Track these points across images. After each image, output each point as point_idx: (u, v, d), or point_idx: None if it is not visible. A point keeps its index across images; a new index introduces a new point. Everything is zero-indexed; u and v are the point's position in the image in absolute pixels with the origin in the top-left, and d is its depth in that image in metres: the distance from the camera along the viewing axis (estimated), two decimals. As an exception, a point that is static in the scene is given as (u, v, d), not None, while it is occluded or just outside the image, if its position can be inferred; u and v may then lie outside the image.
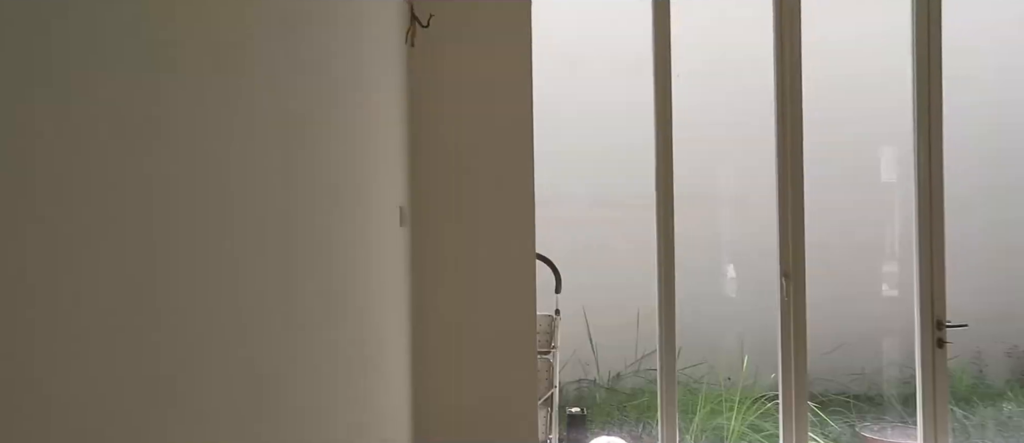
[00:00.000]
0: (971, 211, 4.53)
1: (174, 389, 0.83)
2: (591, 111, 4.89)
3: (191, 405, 0.87)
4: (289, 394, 1.23)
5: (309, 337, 1.35)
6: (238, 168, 1.00)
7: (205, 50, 0.90)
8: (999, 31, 4.51)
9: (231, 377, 0.99)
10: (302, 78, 1.29)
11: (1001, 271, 4.72)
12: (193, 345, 0.87)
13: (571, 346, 4.66)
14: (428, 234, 2.74)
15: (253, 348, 1.07)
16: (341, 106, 1.53)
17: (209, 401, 0.92)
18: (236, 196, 0.99)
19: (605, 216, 4.90)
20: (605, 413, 4.44)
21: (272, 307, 1.14)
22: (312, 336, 1.36)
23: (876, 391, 4.79)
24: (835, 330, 4.68)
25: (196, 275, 0.87)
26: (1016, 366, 4.81)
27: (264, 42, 1.11)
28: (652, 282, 3.02)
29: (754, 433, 4.07)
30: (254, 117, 1.06)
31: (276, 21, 1.16)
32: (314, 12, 1.35)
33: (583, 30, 4.93)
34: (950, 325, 3.00)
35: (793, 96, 2.98)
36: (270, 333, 1.14)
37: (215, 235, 0.92)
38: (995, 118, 4.62)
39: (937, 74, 2.99)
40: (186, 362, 0.85)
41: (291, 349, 1.24)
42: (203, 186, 0.89)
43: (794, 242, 2.99)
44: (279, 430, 1.17)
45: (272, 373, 1.15)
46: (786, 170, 3.00)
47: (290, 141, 1.21)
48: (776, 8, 2.99)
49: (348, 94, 1.60)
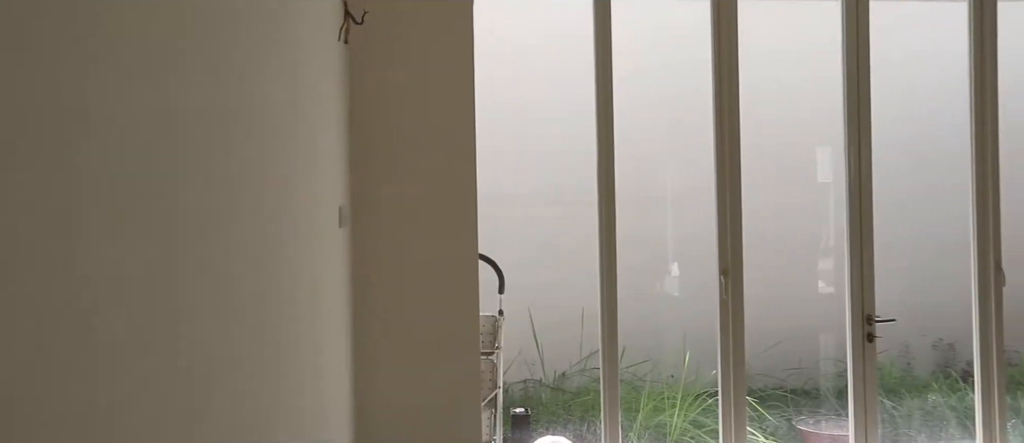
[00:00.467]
0: (899, 212, 4.71)
1: (95, 391, 0.79)
2: (535, 110, 4.90)
3: (117, 407, 0.83)
4: (221, 395, 1.20)
5: (242, 338, 1.31)
6: (163, 163, 0.96)
7: (127, 45, 0.86)
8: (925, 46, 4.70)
9: (160, 378, 0.96)
10: (228, 75, 1.25)
11: (927, 268, 4.92)
12: (118, 345, 0.84)
13: (517, 346, 4.66)
14: (369, 234, 2.71)
15: (184, 348, 1.04)
16: (270, 104, 1.49)
17: (137, 402, 0.90)
18: (156, 193, 0.95)
19: (550, 215, 4.92)
20: (551, 413, 4.45)
21: (200, 306, 1.10)
22: (245, 337, 1.33)
23: (813, 385, 4.93)
24: (774, 326, 4.80)
25: (120, 275, 0.84)
26: (941, 358, 5.02)
27: (188, 40, 1.07)
28: (597, 281, 3.04)
29: (696, 429, 4.14)
30: (177, 114, 1.02)
31: (201, 17, 1.12)
32: (241, 9, 1.31)
33: (527, 29, 4.94)
34: (879, 320, 3.11)
35: (730, 98, 3.05)
36: (201, 333, 1.10)
37: (137, 234, 0.88)
38: (920, 125, 4.82)
39: (866, 82, 3.10)
40: (110, 363, 0.81)
41: (224, 350, 1.21)
42: (127, 182, 0.86)
43: (732, 240, 3.06)
44: (211, 432, 1.13)
45: (204, 373, 1.11)
46: (724, 170, 3.06)
47: (213, 138, 1.17)
48: (714, 14, 3.05)
49: (279, 92, 1.55)
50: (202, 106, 1.12)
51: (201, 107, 1.12)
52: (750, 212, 3.17)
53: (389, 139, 2.73)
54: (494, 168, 4.42)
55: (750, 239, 3.13)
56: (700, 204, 3.09)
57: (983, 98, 3.15)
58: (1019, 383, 4.55)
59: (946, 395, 4.53)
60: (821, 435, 4.29)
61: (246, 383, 1.34)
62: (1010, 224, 3.20)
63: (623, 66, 3.08)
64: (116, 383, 0.85)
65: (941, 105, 4.23)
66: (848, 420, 3.19)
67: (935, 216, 4.83)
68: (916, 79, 4.80)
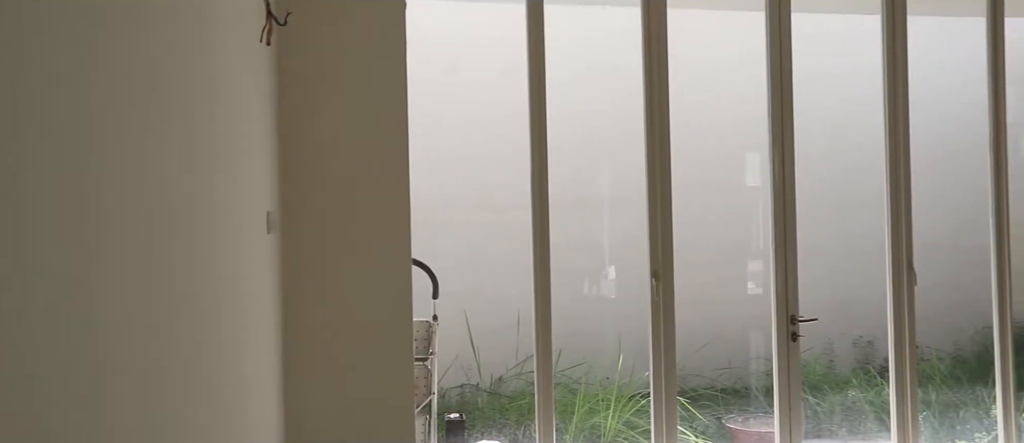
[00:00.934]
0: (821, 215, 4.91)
1: (11, 395, 0.76)
2: (470, 115, 4.91)
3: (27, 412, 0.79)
4: (134, 401, 1.15)
5: (158, 343, 1.27)
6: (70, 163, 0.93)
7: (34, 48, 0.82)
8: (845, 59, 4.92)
9: (69, 383, 0.93)
10: (136, 77, 1.21)
11: (848, 268, 5.14)
12: (25, 349, 0.81)
13: (453, 351, 4.64)
14: (300, 239, 2.66)
15: (95, 352, 1.00)
16: (184, 106, 1.45)
17: (46, 406, 0.86)
18: (65, 196, 0.92)
19: (487, 220, 4.92)
20: (487, 417, 4.45)
21: (113, 309, 1.07)
22: (161, 342, 1.28)
23: (742, 384, 5.08)
24: (706, 327, 4.93)
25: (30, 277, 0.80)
26: (860, 355, 5.25)
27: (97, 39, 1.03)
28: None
29: (629, 430, 4.21)
30: (91, 116, 0.99)
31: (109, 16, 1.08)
32: (155, 6, 1.27)
33: (460, 34, 4.94)
34: (802, 320, 3.22)
35: (661, 104, 3.11)
36: (118, 339, 1.06)
37: (48, 237, 0.84)
38: (841, 134, 5.04)
39: (789, 91, 3.21)
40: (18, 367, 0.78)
41: (141, 357, 1.17)
42: (34, 185, 0.82)
43: (663, 244, 3.12)
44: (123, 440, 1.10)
45: (116, 379, 1.08)
46: (655, 174, 3.13)
47: (124, 140, 1.13)
48: (644, 21, 3.11)
49: (194, 94, 1.51)
50: (108, 107, 1.09)
51: (107, 108, 1.08)
52: (683, 216, 3.25)
53: (320, 144, 2.68)
54: (429, 173, 4.41)
55: (683, 242, 3.21)
56: (636, 207, 3.15)
57: (896, 108, 3.32)
58: (930, 377, 4.80)
59: (865, 390, 4.73)
60: (749, 433, 4.42)
61: (162, 389, 1.30)
62: (919, 226, 3.37)
63: (556, 71, 3.11)
64: (25, 387, 0.81)
65: (860, 114, 4.43)
66: (774, 417, 3.30)
67: (854, 219, 5.06)
68: (838, 89, 5.01)
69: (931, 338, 5.06)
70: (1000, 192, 3.41)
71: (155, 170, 1.27)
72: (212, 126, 1.62)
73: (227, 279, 1.81)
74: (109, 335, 1.07)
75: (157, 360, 1.28)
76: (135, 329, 1.18)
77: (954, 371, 4.94)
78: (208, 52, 1.60)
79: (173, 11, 1.37)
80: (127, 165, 1.15)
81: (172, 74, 1.37)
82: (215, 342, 1.68)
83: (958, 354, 5.25)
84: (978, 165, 3.52)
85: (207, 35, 1.61)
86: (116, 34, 1.11)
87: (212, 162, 1.62)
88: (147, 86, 1.24)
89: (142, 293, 1.21)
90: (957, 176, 5.09)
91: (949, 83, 4.99)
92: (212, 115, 1.62)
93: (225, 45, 1.74)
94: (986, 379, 4.22)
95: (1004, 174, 3.41)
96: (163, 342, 1.32)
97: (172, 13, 1.37)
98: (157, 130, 1.29)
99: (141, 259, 1.20)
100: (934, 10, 4.15)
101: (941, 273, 4.83)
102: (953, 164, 5.13)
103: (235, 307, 1.89)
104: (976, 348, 5.13)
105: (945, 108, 5.10)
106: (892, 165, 3.33)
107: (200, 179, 1.53)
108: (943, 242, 5.08)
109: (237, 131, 1.85)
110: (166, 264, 1.33)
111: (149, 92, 1.25)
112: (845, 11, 4.58)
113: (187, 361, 1.47)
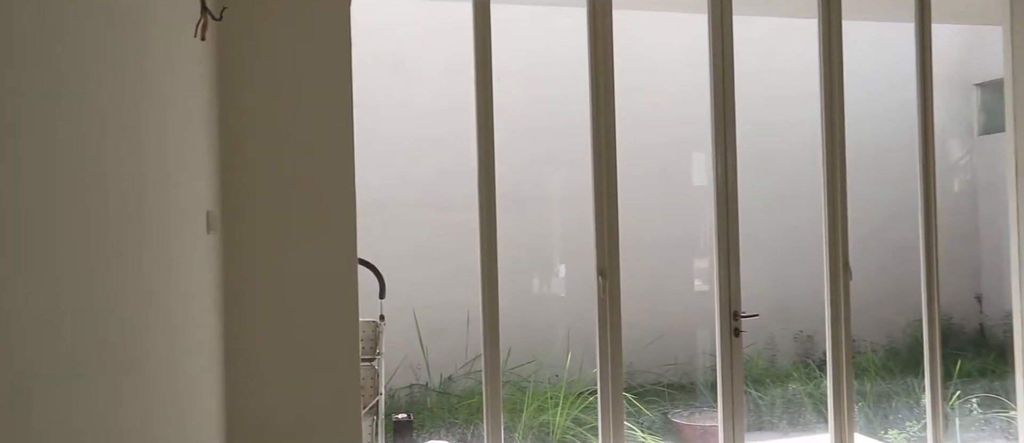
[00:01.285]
0: (762, 213, 5.05)
1: None
2: (418, 112, 4.88)
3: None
4: (66, 403, 1.11)
5: (89, 345, 1.23)
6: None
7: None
8: (785, 59, 5.06)
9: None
10: (56, 72, 1.17)
11: (789, 265, 5.29)
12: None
13: (402, 351, 4.61)
14: (243, 239, 2.60)
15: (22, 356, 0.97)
16: (108, 101, 1.40)
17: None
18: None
19: (435, 218, 4.90)
20: (436, 417, 4.44)
21: (40, 312, 1.03)
22: (92, 344, 1.24)
23: (688, 379, 5.19)
24: (655, 324, 5.02)
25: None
26: (801, 349, 5.42)
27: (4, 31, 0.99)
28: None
29: (577, 426, 4.25)
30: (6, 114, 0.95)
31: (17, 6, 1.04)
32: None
33: (408, 30, 4.91)
34: (744, 316, 3.30)
35: (606, 104, 3.15)
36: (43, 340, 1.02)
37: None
38: (780, 133, 5.18)
39: (731, 91, 3.29)
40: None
41: (69, 359, 1.13)
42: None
43: (609, 241, 3.16)
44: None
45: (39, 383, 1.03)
46: (601, 173, 3.16)
47: (42, 137, 1.09)
48: (590, 21, 3.15)
49: (121, 89, 1.47)
50: (26, 104, 1.05)
51: (25, 105, 1.04)
52: (632, 215, 3.29)
53: (263, 142, 2.63)
54: (377, 171, 4.37)
55: (633, 241, 3.25)
56: (586, 206, 3.18)
57: (832, 108, 3.43)
58: (865, 369, 4.98)
59: (805, 383, 4.88)
60: (693, 427, 4.51)
61: (90, 391, 1.26)
62: (854, 223, 3.49)
63: (505, 69, 3.12)
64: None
65: (798, 114, 4.57)
66: (717, 411, 3.38)
67: (795, 216, 5.21)
68: (777, 89, 5.16)
69: (867, 331, 5.25)
70: (928, 189, 3.56)
71: (82, 169, 1.23)
72: (142, 123, 1.58)
73: (163, 279, 1.76)
74: (33, 337, 1.03)
75: (83, 362, 1.24)
76: (63, 330, 1.14)
77: (887, 363, 5.14)
78: (137, 46, 1.56)
79: (96, 5, 1.33)
80: (50, 164, 1.11)
81: (97, 69, 1.33)
82: (150, 343, 1.64)
83: (891, 346, 5.46)
84: (908, 164, 3.67)
85: (136, 29, 1.56)
86: (30, 26, 1.07)
87: (144, 160, 1.57)
88: (70, 82, 1.20)
89: (70, 294, 1.17)
90: (889, 174, 5.30)
91: (880, 85, 5.19)
92: (143, 112, 1.58)
93: (156, 40, 1.69)
94: (917, 370, 4.40)
95: (932, 172, 3.56)
96: (93, 343, 1.28)
97: (95, 6, 1.32)
98: (82, 127, 1.25)
99: (67, 260, 1.16)
100: (867, 15, 4.30)
101: (876, 268, 5.02)
102: (885, 162, 5.33)
103: (172, 308, 1.84)
104: (908, 340, 5.35)
105: (878, 109, 5.30)
106: (829, 164, 3.45)
107: (130, 177, 1.48)
108: (877, 238, 5.28)
109: (170, 128, 1.80)
110: (97, 264, 1.29)
111: (71, 88, 1.21)
112: (784, 14, 4.72)
113: (119, 362, 1.43)
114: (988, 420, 4.25)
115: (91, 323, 1.27)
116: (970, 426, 4.20)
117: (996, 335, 5.57)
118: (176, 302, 1.89)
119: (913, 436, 4.11)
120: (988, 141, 5.93)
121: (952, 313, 5.60)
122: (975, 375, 4.92)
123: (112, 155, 1.39)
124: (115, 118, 1.42)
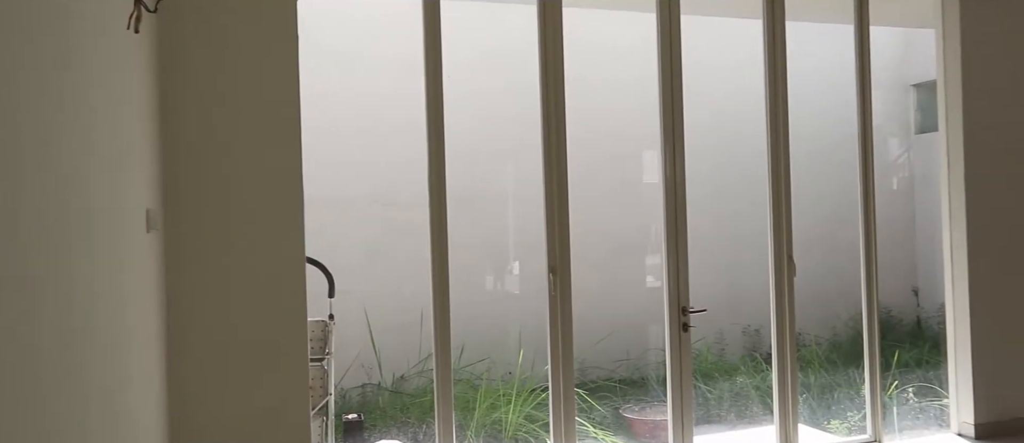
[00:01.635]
0: (709, 210, 5.14)
1: None
2: (369, 106, 4.83)
3: None
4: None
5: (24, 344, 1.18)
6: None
7: None
8: (732, 59, 5.16)
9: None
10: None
11: (737, 260, 5.41)
12: None
13: (354, 350, 4.56)
14: (187, 238, 2.54)
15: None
16: (36, 99, 1.35)
17: None
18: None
19: (387, 216, 4.86)
20: (388, 416, 4.40)
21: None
22: (27, 343, 1.19)
23: (639, 375, 5.25)
24: (607, 320, 5.06)
25: None
26: (748, 342, 5.54)
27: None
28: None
29: (530, 423, 4.26)
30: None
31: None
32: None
33: (358, 28, 4.86)
34: (692, 311, 3.36)
35: (557, 102, 3.16)
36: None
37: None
38: (726, 132, 5.28)
39: (679, 91, 3.34)
40: None
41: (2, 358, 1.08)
42: None
43: (560, 239, 3.18)
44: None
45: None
46: (551, 172, 3.18)
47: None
48: (540, 19, 3.16)
49: (53, 87, 1.41)
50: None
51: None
52: (585, 213, 3.31)
53: (207, 139, 2.57)
54: (326, 169, 4.30)
55: (586, 238, 3.27)
56: (539, 204, 3.18)
57: (776, 107, 3.51)
58: (809, 362, 5.12)
59: (752, 376, 4.99)
60: (644, 421, 4.57)
61: (24, 391, 1.21)
62: (797, 219, 3.58)
63: (456, 67, 3.10)
64: None
65: (747, 112, 4.66)
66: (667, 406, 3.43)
67: (742, 212, 5.32)
68: (726, 88, 5.25)
69: (811, 325, 5.40)
70: (867, 187, 3.68)
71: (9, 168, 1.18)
72: (65, 118, 1.52)
73: (101, 278, 1.70)
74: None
75: (15, 362, 1.19)
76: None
77: (830, 355, 5.29)
78: (60, 42, 1.50)
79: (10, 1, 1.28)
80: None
81: (20, 64, 1.28)
82: (88, 344, 1.58)
83: (834, 339, 5.62)
84: (849, 162, 3.78)
85: (64, 22, 1.50)
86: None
87: (71, 158, 1.52)
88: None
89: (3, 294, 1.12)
90: (832, 172, 5.45)
91: (821, 86, 5.33)
92: (62, 105, 1.52)
93: (83, 35, 1.63)
94: (858, 362, 4.55)
95: (870, 170, 3.68)
96: (28, 342, 1.23)
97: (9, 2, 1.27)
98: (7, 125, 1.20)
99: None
100: (809, 17, 4.42)
101: (820, 263, 5.16)
102: (828, 161, 5.49)
103: (111, 307, 1.78)
104: (850, 333, 5.52)
105: (820, 108, 5.45)
106: (773, 162, 3.53)
107: (54, 174, 1.43)
108: (821, 234, 5.43)
109: (99, 123, 1.74)
110: (28, 263, 1.24)
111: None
112: (731, 15, 4.81)
113: (57, 363, 1.38)
114: (923, 408, 4.42)
115: (15, 327, 1.22)
116: (907, 414, 4.36)
117: (932, 326, 5.79)
118: (117, 302, 1.83)
119: (854, 425, 4.24)
120: (924, 140, 6.16)
121: (891, 306, 5.80)
122: (912, 365, 5.10)
123: (41, 153, 1.34)
124: (46, 115, 1.36)
